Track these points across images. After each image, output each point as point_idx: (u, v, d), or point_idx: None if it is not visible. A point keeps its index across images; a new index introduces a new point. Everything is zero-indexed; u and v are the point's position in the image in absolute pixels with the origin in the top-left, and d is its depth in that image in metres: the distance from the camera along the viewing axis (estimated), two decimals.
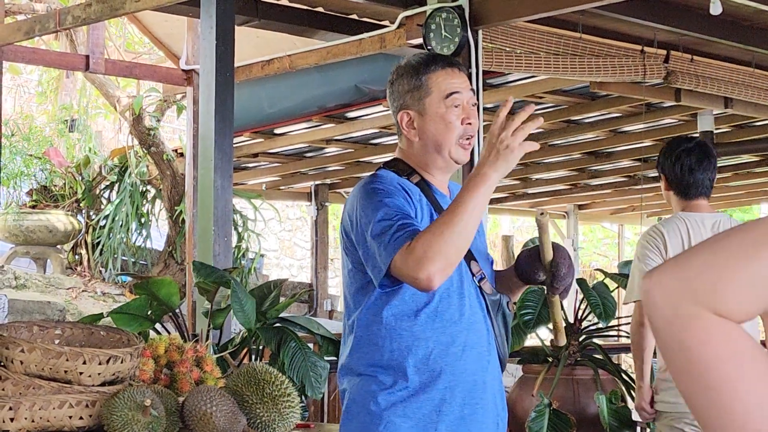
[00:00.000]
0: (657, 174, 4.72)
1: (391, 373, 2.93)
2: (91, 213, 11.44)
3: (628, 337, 6.05)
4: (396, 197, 2.92)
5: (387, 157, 11.13)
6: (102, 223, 11.05)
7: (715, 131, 9.00)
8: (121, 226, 10.81)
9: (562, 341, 3.24)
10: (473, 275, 3.00)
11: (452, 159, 3.03)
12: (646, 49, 6.81)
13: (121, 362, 3.23)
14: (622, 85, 7.32)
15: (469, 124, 3.01)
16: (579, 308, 5.73)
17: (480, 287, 3.01)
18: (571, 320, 5.76)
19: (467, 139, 3.02)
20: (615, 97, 8.29)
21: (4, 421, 3.12)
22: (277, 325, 4.14)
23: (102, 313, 4.22)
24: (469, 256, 2.99)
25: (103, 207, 11.33)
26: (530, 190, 13.31)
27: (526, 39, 6.29)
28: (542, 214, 2.95)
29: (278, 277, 14.58)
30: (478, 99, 3.25)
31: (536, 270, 3.05)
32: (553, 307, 3.17)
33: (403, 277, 2.79)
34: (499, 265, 3.20)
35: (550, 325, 3.29)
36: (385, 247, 2.81)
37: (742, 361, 1.12)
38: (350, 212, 3.01)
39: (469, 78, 3.17)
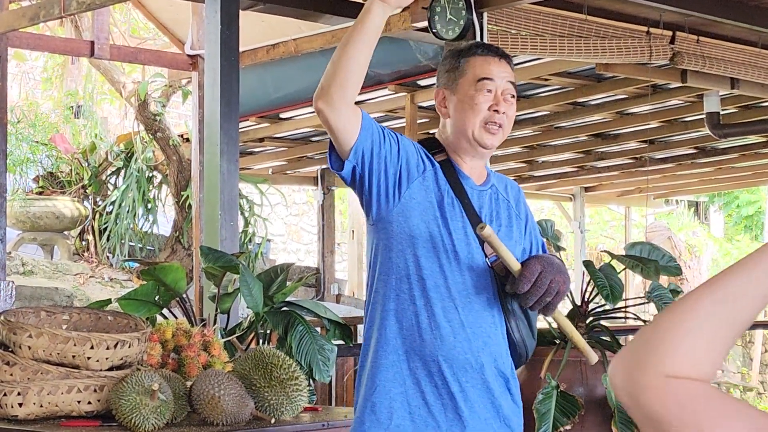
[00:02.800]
0: (663, 156, 4.78)
1: (383, 335, 2.97)
2: (98, 199, 11.44)
3: (635, 318, 6.06)
4: (395, 136, 2.97)
5: None
6: (109, 208, 11.05)
7: (722, 112, 8.98)
8: (128, 211, 10.82)
9: (593, 358, 3.18)
10: (486, 256, 3.01)
11: (476, 141, 3.05)
12: (651, 30, 6.79)
13: (129, 347, 3.24)
14: (628, 66, 7.30)
15: (497, 111, 3.03)
16: (586, 290, 5.73)
17: (493, 269, 3.01)
18: (578, 302, 5.75)
19: (494, 123, 3.04)
20: (621, 79, 8.27)
21: (12, 407, 3.13)
22: (285, 309, 4.14)
23: (110, 299, 4.22)
24: (483, 239, 2.99)
25: (109, 193, 11.34)
26: (536, 173, 13.30)
27: (531, 21, 6.27)
28: (481, 227, 2.90)
29: (285, 261, 14.59)
30: None
31: (505, 280, 3.01)
32: (561, 326, 3.13)
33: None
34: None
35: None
36: None
37: (704, 416, 1.19)
38: None
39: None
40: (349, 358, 7.18)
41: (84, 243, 11.49)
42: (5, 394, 3.14)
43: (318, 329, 4.27)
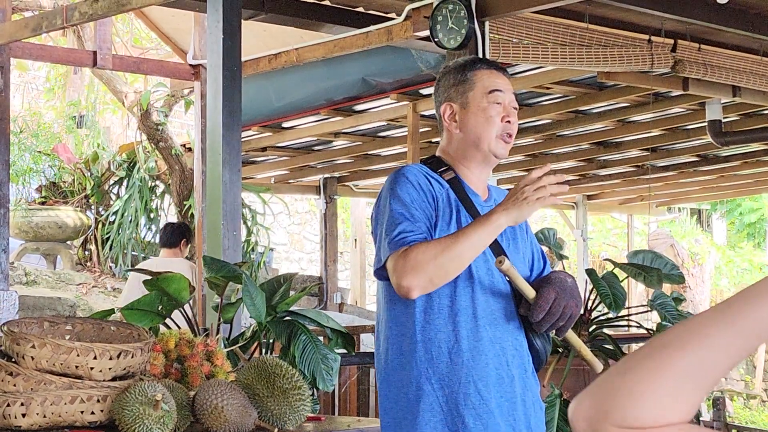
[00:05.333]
0: (665, 164, 4.79)
1: (414, 367, 2.99)
2: (101, 209, 11.46)
3: (638, 327, 6.05)
4: (416, 193, 2.96)
5: (395, 149, 11.14)
6: (111, 218, 11.07)
7: (724, 120, 8.98)
8: (131, 221, 10.83)
9: (598, 368, 3.25)
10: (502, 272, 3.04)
11: (491, 152, 3.11)
12: (653, 38, 6.79)
13: (132, 357, 3.23)
14: (630, 74, 7.30)
15: (508, 122, 3.11)
16: (589, 299, 5.73)
17: (510, 284, 3.06)
18: (581, 310, 5.75)
19: (507, 135, 3.11)
20: (623, 87, 8.27)
21: (15, 417, 3.13)
22: (287, 318, 4.13)
23: (113, 309, 4.23)
24: (500, 254, 3.03)
25: (112, 202, 11.35)
26: None
27: (533, 30, 6.28)
28: (499, 261, 2.94)
29: (288, 270, 14.58)
30: None
31: (520, 305, 3.07)
32: (569, 342, 3.19)
33: (390, 277, 2.89)
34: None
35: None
36: (389, 242, 2.91)
37: None
38: (377, 200, 3.11)
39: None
40: (351, 367, 7.18)
41: (87, 253, 11.51)
42: (8, 405, 3.14)
43: (321, 338, 4.27)
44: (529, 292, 3.01)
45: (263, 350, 4.23)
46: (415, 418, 2.98)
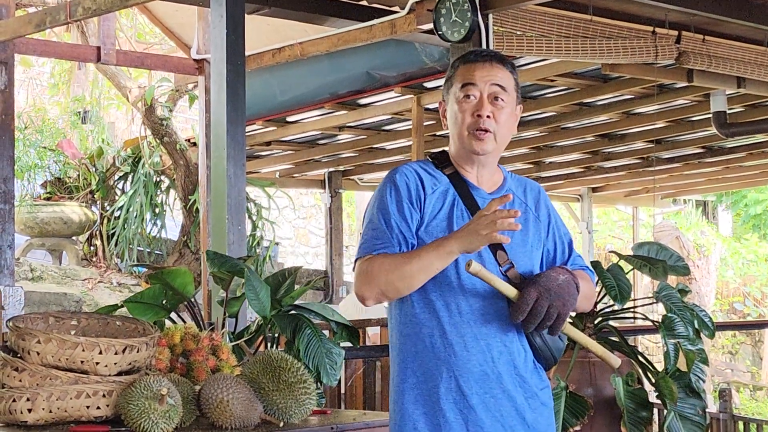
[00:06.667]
0: (670, 156, 4.77)
1: (402, 359, 3.03)
2: (106, 204, 11.46)
3: (643, 319, 6.05)
4: (401, 199, 2.99)
5: (400, 143, 11.14)
6: (116, 213, 11.07)
7: (728, 111, 8.97)
8: (136, 216, 10.83)
9: (615, 363, 3.21)
10: (500, 265, 3.01)
11: (467, 149, 3.06)
12: (657, 30, 6.78)
13: (137, 352, 3.24)
14: (634, 66, 7.29)
15: (479, 116, 3.02)
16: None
17: (507, 277, 3.01)
18: (571, 309, 5.74)
19: (479, 129, 3.02)
20: (627, 79, 8.26)
21: (22, 412, 3.14)
22: (292, 312, 4.13)
23: (117, 304, 4.23)
24: (496, 246, 2.99)
25: (117, 198, 11.35)
26: (544, 174, 13.29)
27: (536, 22, 6.27)
28: (468, 265, 2.89)
29: (293, 264, 14.59)
30: None
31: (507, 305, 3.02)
32: (576, 340, 3.17)
33: (353, 281, 3.00)
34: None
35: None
36: (360, 246, 3.01)
37: None
38: (371, 197, 3.14)
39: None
40: (357, 360, 7.19)
41: (92, 248, 11.51)
42: (14, 400, 3.15)
43: (326, 332, 4.27)
44: (510, 293, 2.94)
45: (268, 344, 4.23)
46: (401, 410, 3.01)
